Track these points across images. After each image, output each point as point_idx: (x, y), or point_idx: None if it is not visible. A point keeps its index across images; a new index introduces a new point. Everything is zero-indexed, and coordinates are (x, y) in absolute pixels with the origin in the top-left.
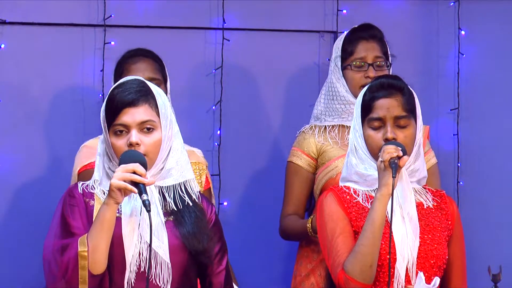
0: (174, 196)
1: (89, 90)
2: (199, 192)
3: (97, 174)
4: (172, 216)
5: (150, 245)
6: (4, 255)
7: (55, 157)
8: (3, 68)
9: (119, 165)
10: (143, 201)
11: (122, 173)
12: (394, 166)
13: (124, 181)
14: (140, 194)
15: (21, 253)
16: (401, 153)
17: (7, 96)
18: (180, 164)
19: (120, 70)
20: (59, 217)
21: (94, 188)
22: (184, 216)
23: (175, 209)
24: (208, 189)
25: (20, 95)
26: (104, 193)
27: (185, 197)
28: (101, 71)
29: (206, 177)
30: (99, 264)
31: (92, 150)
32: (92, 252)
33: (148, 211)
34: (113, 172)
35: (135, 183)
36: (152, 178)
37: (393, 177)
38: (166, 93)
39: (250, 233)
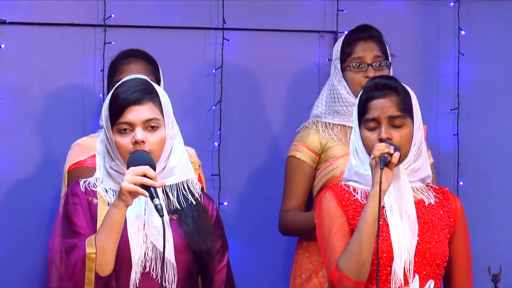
0: (178, 195)
1: (89, 90)
2: (201, 189)
3: (99, 173)
4: (175, 215)
5: (163, 251)
6: None
7: (55, 157)
8: (3, 68)
9: (127, 167)
10: (155, 206)
11: (133, 176)
12: (382, 159)
13: (135, 184)
14: (152, 198)
15: (16, 253)
16: (392, 150)
17: (7, 96)
18: (182, 163)
19: (113, 71)
20: (62, 216)
21: (96, 186)
22: (188, 215)
23: (179, 207)
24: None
25: (20, 95)
26: (106, 191)
27: (188, 195)
28: (101, 71)
29: (199, 176)
30: (106, 266)
31: (83, 149)
32: (100, 254)
33: (161, 216)
34: (115, 171)
35: (145, 186)
36: (162, 181)
37: (380, 168)
38: None
39: (250, 233)
